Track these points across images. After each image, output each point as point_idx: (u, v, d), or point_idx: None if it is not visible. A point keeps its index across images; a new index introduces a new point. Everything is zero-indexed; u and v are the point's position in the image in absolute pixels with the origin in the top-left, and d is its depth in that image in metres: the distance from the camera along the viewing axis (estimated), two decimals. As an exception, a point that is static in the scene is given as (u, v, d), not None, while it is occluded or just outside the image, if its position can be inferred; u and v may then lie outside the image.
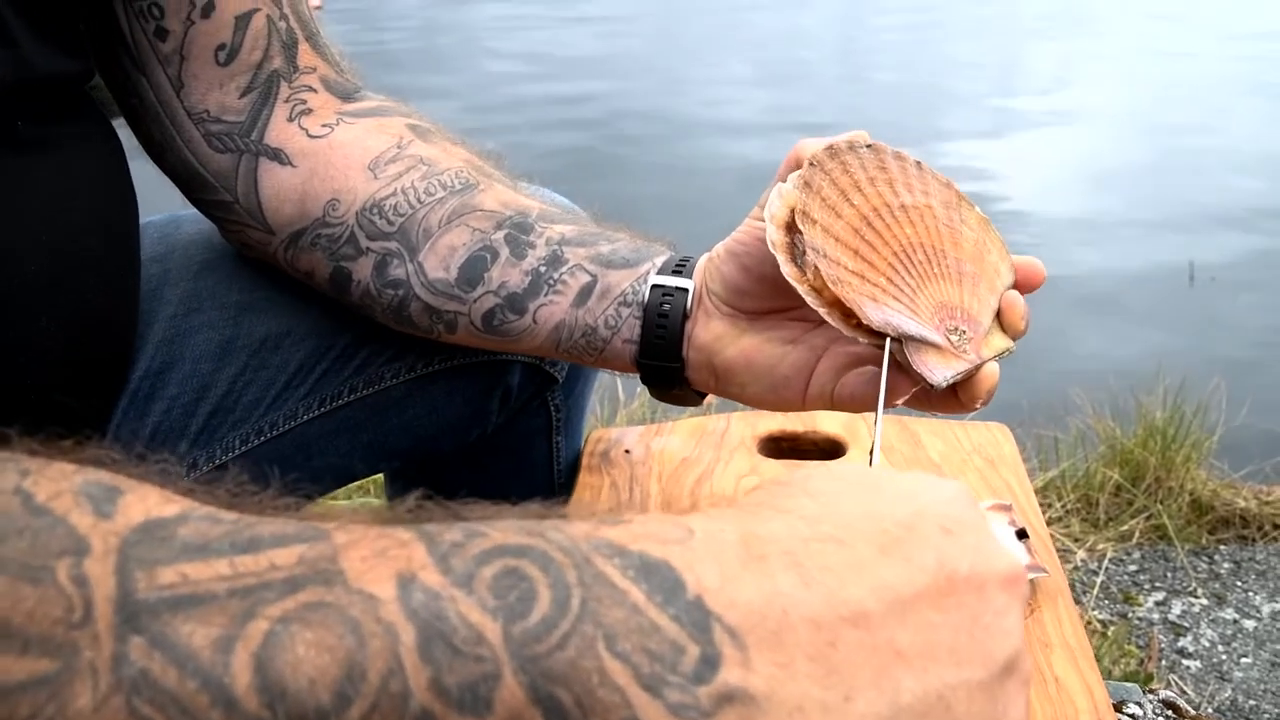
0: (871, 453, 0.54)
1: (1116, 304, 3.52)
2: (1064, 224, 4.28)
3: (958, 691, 0.33)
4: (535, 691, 0.27)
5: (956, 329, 0.60)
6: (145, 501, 0.29)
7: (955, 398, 0.62)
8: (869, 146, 0.62)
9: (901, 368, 0.60)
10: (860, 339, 0.60)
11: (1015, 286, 0.63)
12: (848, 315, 0.59)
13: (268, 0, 0.73)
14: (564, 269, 0.73)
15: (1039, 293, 0.65)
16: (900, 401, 0.64)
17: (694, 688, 0.28)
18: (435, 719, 0.27)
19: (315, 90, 0.76)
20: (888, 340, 0.59)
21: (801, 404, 0.68)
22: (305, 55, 0.76)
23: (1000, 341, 0.62)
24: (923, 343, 0.59)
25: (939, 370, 0.59)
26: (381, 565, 0.28)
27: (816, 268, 0.58)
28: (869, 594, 0.32)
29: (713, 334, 0.70)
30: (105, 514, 0.28)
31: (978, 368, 0.60)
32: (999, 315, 0.62)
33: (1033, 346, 0.69)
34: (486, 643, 0.27)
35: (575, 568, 0.29)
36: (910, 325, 0.59)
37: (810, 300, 0.59)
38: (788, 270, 0.59)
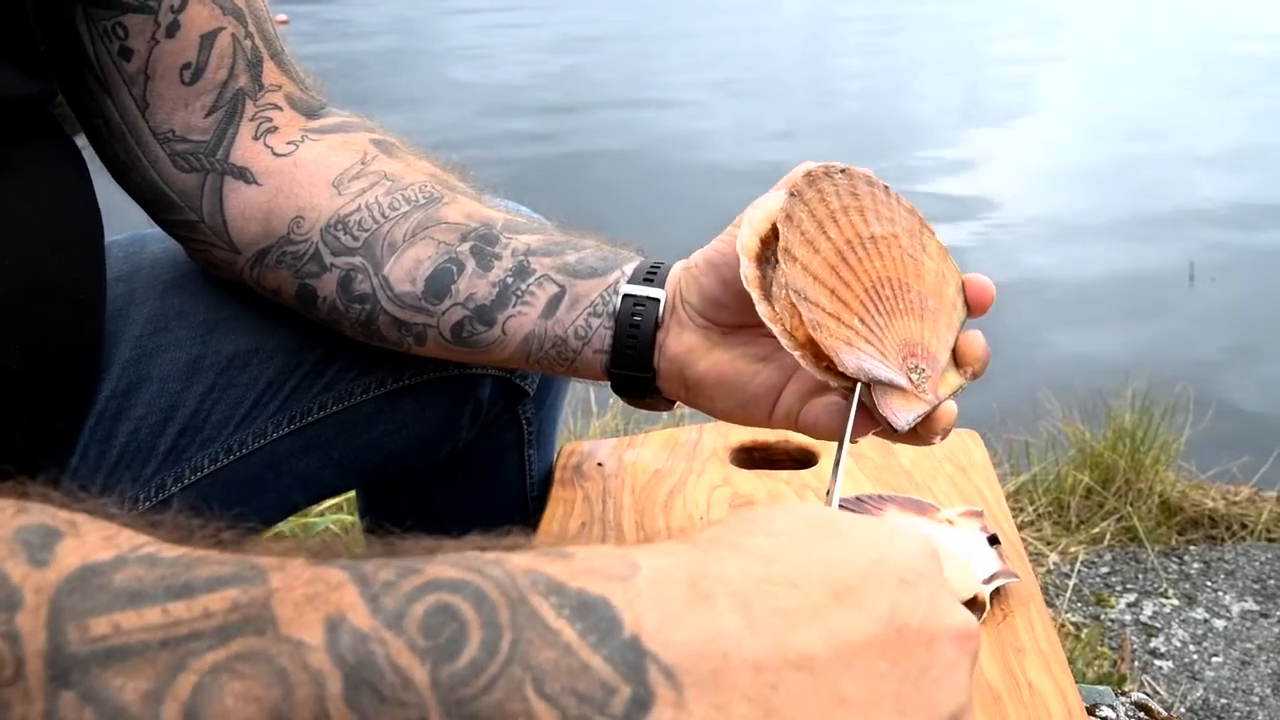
0: (830, 493, 0.54)
1: (1084, 308, 3.55)
2: (1032, 229, 4.32)
3: None
4: None
5: (917, 367, 0.61)
6: (84, 546, 0.29)
7: (914, 433, 0.63)
8: (842, 171, 0.62)
9: (866, 408, 0.60)
10: (831, 382, 0.60)
11: (968, 312, 0.64)
12: (820, 357, 0.59)
13: (232, 19, 0.73)
14: (531, 280, 0.73)
15: (1008, 299, 0.66)
16: (859, 440, 0.64)
17: None
18: None
19: (280, 108, 0.76)
20: (857, 385, 0.59)
21: (768, 423, 0.68)
22: (270, 73, 0.76)
23: (955, 379, 0.63)
24: (889, 386, 0.60)
25: (902, 414, 0.60)
26: (311, 610, 0.28)
27: (796, 310, 0.58)
28: (817, 639, 0.32)
29: (685, 346, 0.70)
30: (40, 562, 0.28)
31: (935, 407, 0.61)
32: (954, 352, 0.63)
33: (1002, 352, 0.69)
34: (414, 687, 0.27)
35: (509, 606, 0.29)
36: (880, 370, 0.59)
37: (785, 342, 0.58)
38: (762, 310, 0.59)
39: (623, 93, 7.07)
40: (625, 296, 0.71)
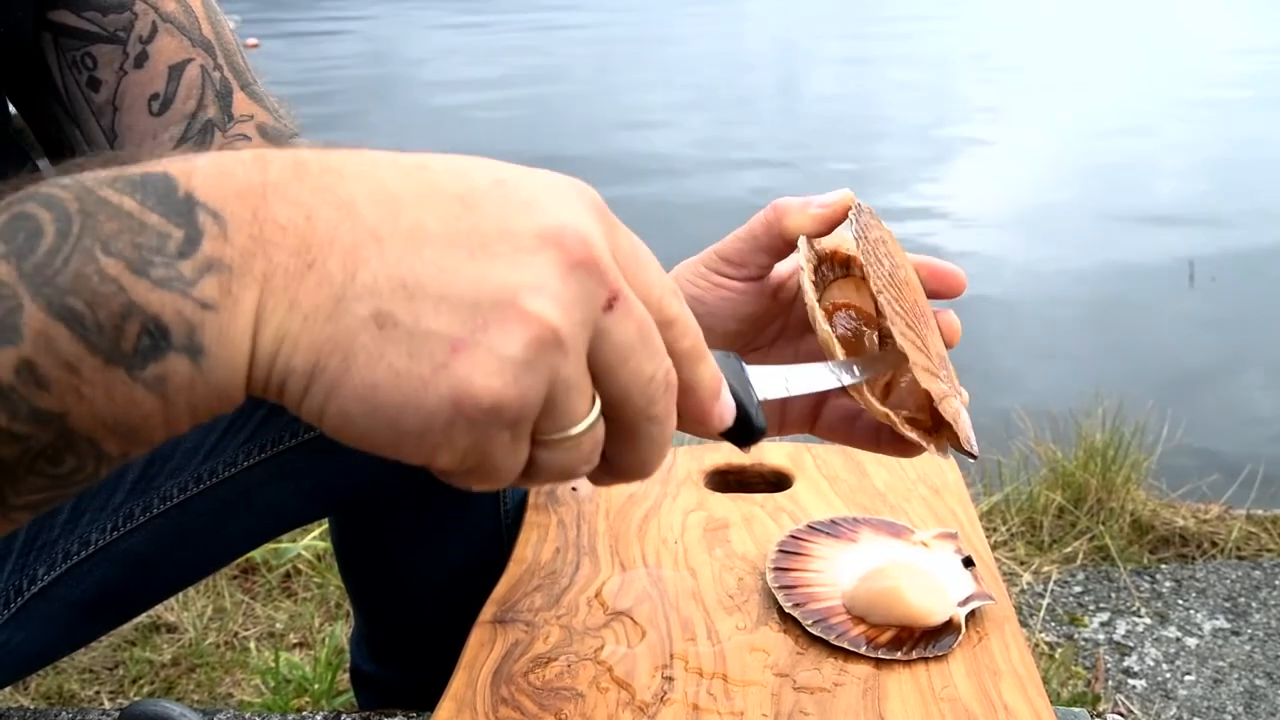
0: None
1: (1054, 328, 3.58)
2: (1002, 250, 4.36)
3: (427, 273, 0.34)
4: (52, 308, 0.31)
5: (949, 378, 0.61)
6: None
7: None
8: (857, 205, 0.62)
9: (922, 435, 0.60)
10: (920, 439, 0.59)
11: (937, 294, 0.64)
12: (915, 421, 0.59)
13: (201, 51, 0.73)
14: None
15: (979, 320, 0.66)
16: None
17: (177, 263, 0.33)
18: None
19: (250, 138, 0.76)
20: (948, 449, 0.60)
21: (778, 433, 0.67)
22: (241, 103, 0.75)
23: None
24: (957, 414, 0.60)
25: (973, 440, 0.60)
26: None
27: (928, 393, 0.58)
28: (362, 188, 0.35)
29: None
30: None
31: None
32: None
33: (973, 373, 0.70)
34: (3, 283, 0.31)
35: (77, 199, 0.33)
36: (964, 413, 0.60)
37: (909, 433, 0.58)
38: (874, 406, 0.58)
39: (592, 113, 7.09)
40: None
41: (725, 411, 0.43)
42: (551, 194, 0.37)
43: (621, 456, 0.40)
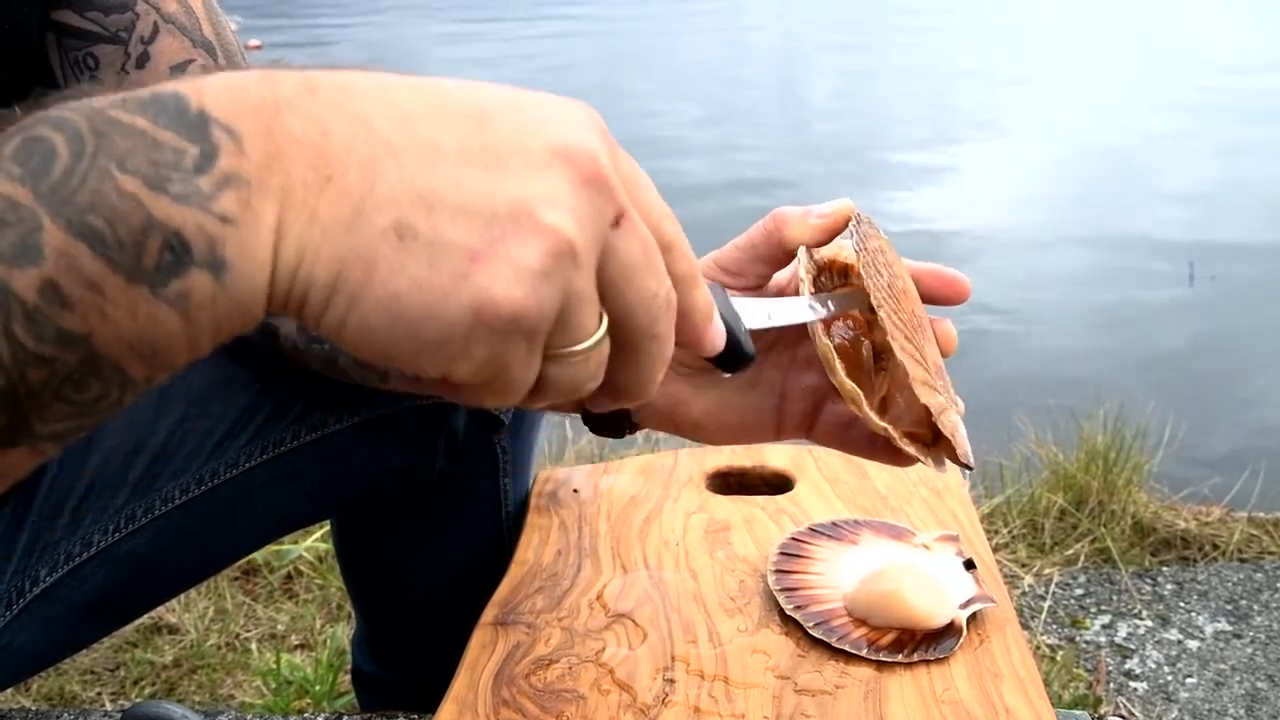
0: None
1: (1056, 331, 3.58)
2: (1004, 254, 4.36)
3: (444, 185, 0.35)
4: (72, 226, 0.31)
5: (946, 388, 0.61)
6: None
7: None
8: (856, 214, 0.62)
9: (916, 447, 0.61)
10: (922, 459, 0.60)
11: (942, 301, 0.64)
12: (914, 436, 0.59)
13: (203, 51, 0.73)
14: None
15: (980, 323, 0.66)
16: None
17: (195, 178, 0.33)
18: (3, 282, 0.31)
19: None
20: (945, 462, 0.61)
21: (775, 440, 0.67)
22: None
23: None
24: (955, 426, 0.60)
25: (970, 453, 0.60)
26: None
27: (926, 409, 0.58)
28: (376, 104, 0.35)
29: (672, 399, 0.68)
30: None
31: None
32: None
33: (974, 375, 0.70)
34: (22, 205, 0.31)
35: (88, 120, 0.33)
36: (960, 425, 0.60)
37: (907, 448, 0.58)
38: (873, 420, 0.58)
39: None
40: None
41: (717, 336, 0.45)
42: (560, 114, 0.38)
43: (622, 375, 0.40)
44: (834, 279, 0.63)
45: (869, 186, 5.24)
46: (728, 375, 0.49)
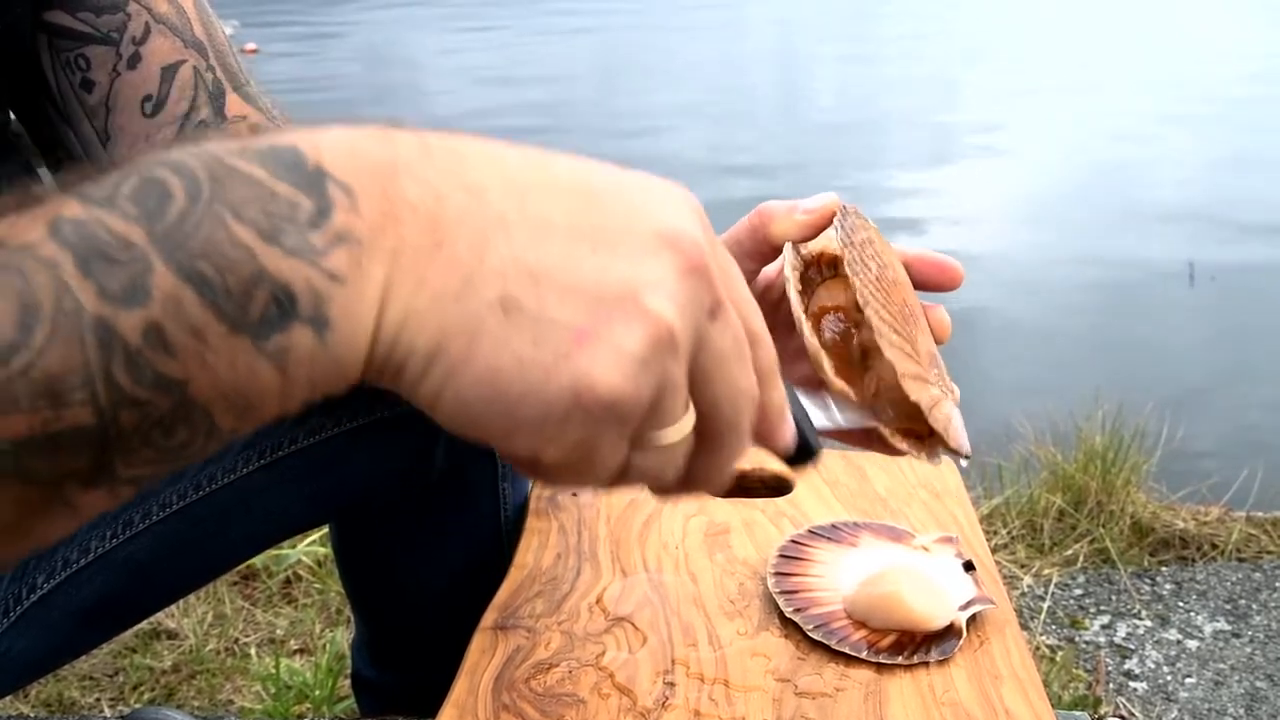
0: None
1: (1054, 331, 3.58)
2: (1001, 254, 4.36)
3: (553, 262, 0.35)
4: (182, 271, 0.31)
5: (940, 377, 0.61)
6: None
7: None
8: (842, 207, 0.61)
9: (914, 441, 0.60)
10: (914, 454, 0.59)
11: (935, 287, 0.64)
12: (908, 433, 0.59)
13: (194, 52, 0.73)
14: None
15: (978, 324, 0.66)
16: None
17: (308, 232, 0.32)
18: (109, 321, 0.30)
19: None
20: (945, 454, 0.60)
21: None
22: (234, 105, 0.75)
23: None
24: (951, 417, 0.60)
25: (965, 438, 0.60)
26: (29, 221, 0.31)
27: (918, 405, 0.57)
28: (489, 174, 0.35)
29: None
30: None
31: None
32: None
33: (973, 376, 0.69)
34: (134, 245, 0.31)
35: (205, 167, 0.32)
36: (955, 415, 0.59)
37: (900, 444, 0.58)
38: (865, 420, 0.58)
39: (592, 120, 7.10)
40: None
41: (790, 433, 0.44)
42: (665, 198, 0.38)
43: (698, 465, 0.40)
44: (823, 271, 0.63)
45: (866, 178, 5.25)
46: (790, 467, 0.49)
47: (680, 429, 0.38)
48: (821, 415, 0.54)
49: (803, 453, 0.47)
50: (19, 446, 0.30)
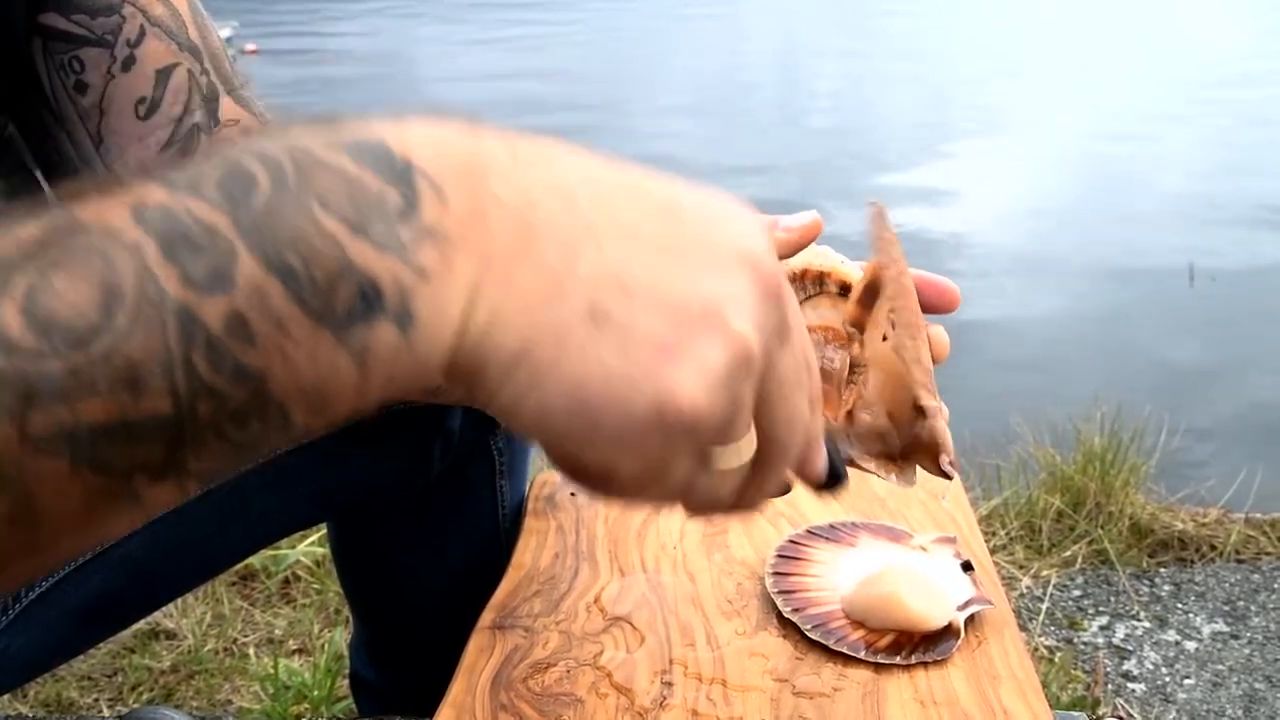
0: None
1: (1053, 331, 3.58)
2: (999, 258, 4.36)
3: (642, 274, 0.34)
4: (268, 260, 0.30)
5: (935, 394, 0.60)
6: None
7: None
8: (875, 205, 0.60)
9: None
10: (882, 475, 0.59)
11: (931, 309, 0.63)
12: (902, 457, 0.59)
13: (188, 55, 0.73)
14: None
15: (977, 326, 0.66)
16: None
17: (396, 226, 0.32)
18: (191, 308, 0.30)
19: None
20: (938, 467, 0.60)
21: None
22: (228, 109, 0.75)
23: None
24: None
25: (951, 461, 0.59)
26: (114, 206, 0.31)
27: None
28: (578, 181, 0.35)
29: None
30: None
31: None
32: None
33: (972, 378, 0.69)
34: (219, 232, 0.30)
35: (290, 156, 0.32)
36: (946, 433, 0.59)
37: (868, 466, 0.58)
38: (873, 469, 0.58)
39: (592, 120, 7.10)
40: None
41: (822, 461, 0.44)
42: (743, 219, 0.38)
43: (745, 490, 0.40)
44: (807, 288, 0.62)
45: (865, 178, 5.25)
46: (819, 494, 0.50)
47: (743, 451, 0.38)
48: (847, 448, 0.55)
49: (832, 480, 0.48)
50: (96, 434, 0.29)
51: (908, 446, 0.60)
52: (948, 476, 0.59)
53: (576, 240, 0.34)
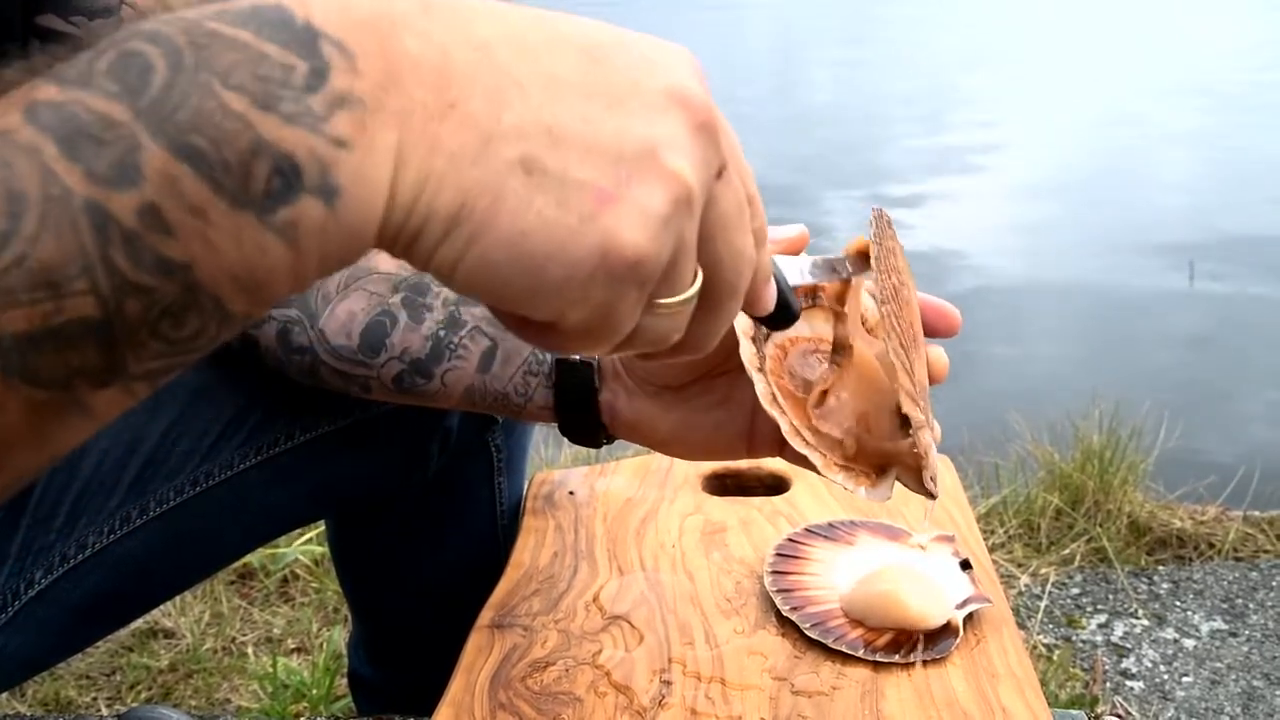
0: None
1: (1052, 330, 3.58)
2: (998, 256, 4.36)
3: (571, 122, 0.34)
4: (174, 147, 0.29)
5: (926, 409, 0.60)
6: None
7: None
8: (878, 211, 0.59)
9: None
10: (850, 488, 0.59)
11: (932, 332, 0.63)
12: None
13: None
14: (463, 332, 0.72)
15: (975, 324, 0.65)
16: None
17: (306, 97, 0.30)
18: (102, 204, 0.29)
19: None
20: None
21: (747, 456, 0.67)
22: None
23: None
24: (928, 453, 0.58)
25: (934, 478, 0.59)
26: (6, 108, 0.30)
27: (924, 466, 0.56)
28: (495, 31, 0.34)
29: (639, 414, 0.68)
30: None
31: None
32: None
33: (970, 376, 0.69)
34: (119, 123, 0.29)
35: (185, 32, 0.30)
36: (934, 450, 0.58)
37: (833, 475, 0.58)
38: (799, 444, 0.57)
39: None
40: (558, 361, 0.71)
41: (772, 295, 0.44)
42: (669, 56, 0.37)
43: (694, 329, 0.40)
44: (801, 301, 0.62)
45: (865, 178, 5.25)
46: (771, 330, 0.49)
47: (689, 291, 0.37)
48: (795, 273, 0.54)
49: (784, 314, 0.47)
50: (21, 343, 0.29)
51: (886, 456, 0.59)
52: (931, 495, 0.58)
53: (499, 92, 0.33)
